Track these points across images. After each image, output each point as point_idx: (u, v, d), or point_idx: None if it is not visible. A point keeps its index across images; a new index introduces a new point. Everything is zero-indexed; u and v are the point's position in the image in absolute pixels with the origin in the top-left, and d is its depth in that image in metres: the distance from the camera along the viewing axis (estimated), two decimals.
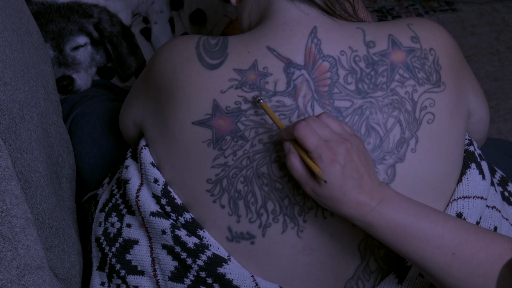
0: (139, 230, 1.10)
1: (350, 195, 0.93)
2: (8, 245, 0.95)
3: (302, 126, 0.93)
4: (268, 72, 1.04)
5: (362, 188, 0.94)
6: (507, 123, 2.19)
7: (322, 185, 0.93)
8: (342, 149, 0.93)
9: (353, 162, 0.94)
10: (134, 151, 1.16)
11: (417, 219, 0.94)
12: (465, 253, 0.93)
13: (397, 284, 1.04)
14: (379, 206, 0.94)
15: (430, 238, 0.94)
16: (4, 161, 0.98)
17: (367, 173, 0.95)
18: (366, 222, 0.95)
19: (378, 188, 0.95)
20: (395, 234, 0.94)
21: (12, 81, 1.10)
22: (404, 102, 1.04)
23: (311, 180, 0.94)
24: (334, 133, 0.95)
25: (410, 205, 0.96)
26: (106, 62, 1.71)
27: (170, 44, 1.10)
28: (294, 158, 0.95)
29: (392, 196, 0.96)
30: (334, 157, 0.93)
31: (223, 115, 1.03)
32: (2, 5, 1.16)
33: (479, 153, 1.13)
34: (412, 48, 1.06)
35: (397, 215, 0.94)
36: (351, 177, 0.93)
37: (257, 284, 1.04)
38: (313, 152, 0.93)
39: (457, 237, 0.94)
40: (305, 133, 0.93)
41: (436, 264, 0.94)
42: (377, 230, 0.95)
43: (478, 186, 1.08)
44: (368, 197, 0.94)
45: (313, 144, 0.93)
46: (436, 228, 0.94)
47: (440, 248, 0.93)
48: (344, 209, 0.94)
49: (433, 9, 2.54)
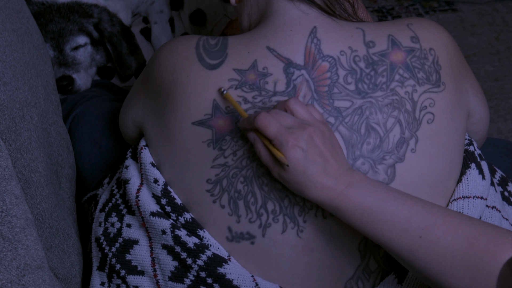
0: (139, 230, 1.10)
1: (314, 179, 0.94)
2: (8, 245, 0.95)
3: (262, 117, 0.95)
4: (268, 72, 1.04)
5: (327, 172, 0.95)
6: (507, 123, 2.19)
7: (286, 170, 0.95)
8: (304, 134, 0.94)
9: (316, 146, 0.95)
10: (134, 151, 1.16)
11: (384, 202, 0.95)
12: (431, 236, 0.93)
13: (397, 284, 1.04)
14: (346, 190, 0.95)
15: (396, 221, 0.94)
16: (4, 161, 0.98)
17: (333, 157, 0.96)
18: (333, 207, 0.95)
19: (345, 172, 0.96)
20: (362, 218, 0.95)
21: (12, 81, 1.10)
22: (404, 102, 1.04)
23: (277, 166, 0.96)
24: (296, 120, 0.96)
25: (377, 189, 0.96)
26: (106, 62, 1.71)
27: (170, 44, 1.10)
28: (260, 146, 0.97)
29: (360, 180, 0.96)
30: (295, 142, 0.94)
31: (223, 115, 1.03)
32: (2, 5, 1.16)
33: (479, 153, 1.13)
34: (412, 48, 1.06)
35: (364, 199, 0.95)
36: (314, 161, 0.94)
37: (257, 284, 1.04)
38: (274, 139, 0.95)
39: (424, 220, 0.94)
40: (265, 123, 0.95)
41: (404, 248, 0.94)
42: (344, 214, 0.95)
43: (478, 186, 1.08)
44: (334, 181, 0.95)
45: (272, 132, 0.95)
46: (403, 211, 0.94)
47: (407, 232, 0.93)
48: (311, 193, 0.95)
49: (433, 9, 2.54)
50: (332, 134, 0.97)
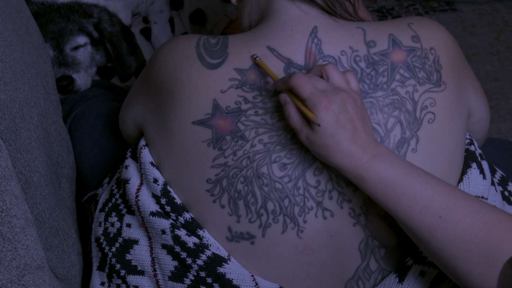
0: (139, 230, 1.10)
1: (343, 145, 0.95)
2: (8, 245, 0.95)
3: (297, 76, 0.96)
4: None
5: (356, 140, 0.95)
6: (507, 123, 2.19)
7: (316, 132, 0.95)
8: (337, 98, 0.95)
9: (347, 112, 0.95)
10: (133, 150, 1.16)
11: (408, 178, 0.95)
12: (451, 217, 0.93)
13: (397, 284, 1.04)
14: (372, 160, 0.95)
15: (419, 198, 0.94)
16: (4, 161, 0.98)
17: (362, 126, 0.96)
18: (357, 175, 0.96)
19: (372, 143, 0.97)
20: (385, 190, 0.95)
21: (12, 81, 1.10)
22: (405, 102, 1.04)
23: (306, 127, 0.96)
24: (330, 85, 0.97)
25: (403, 164, 0.96)
26: (106, 62, 1.71)
27: (170, 44, 1.10)
28: (290, 107, 0.97)
29: (386, 153, 0.97)
30: (329, 104, 0.94)
31: (223, 115, 1.03)
32: (2, 5, 1.16)
33: (479, 152, 1.13)
34: (413, 48, 1.06)
35: (388, 172, 0.95)
36: (344, 127, 0.95)
37: (257, 284, 1.04)
38: (308, 99, 0.95)
39: (446, 201, 0.94)
40: (300, 82, 0.96)
41: (422, 225, 0.94)
42: (367, 184, 0.96)
43: (478, 185, 1.08)
44: (361, 150, 0.95)
45: (307, 92, 0.95)
46: (426, 189, 0.95)
47: (428, 209, 0.94)
48: (337, 158, 0.96)
49: (433, 9, 2.54)
50: (363, 105, 0.98)
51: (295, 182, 1.01)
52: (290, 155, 1.02)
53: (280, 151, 1.02)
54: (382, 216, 1.03)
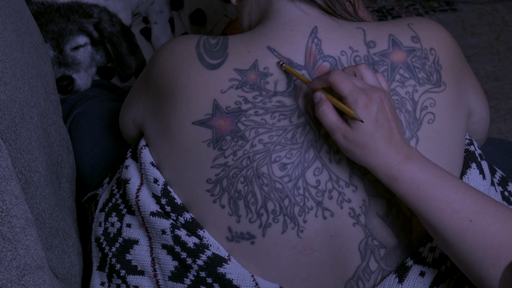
0: (139, 230, 1.10)
1: (380, 144, 0.95)
2: (8, 245, 0.95)
3: (337, 72, 0.95)
4: (268, 72, 1.04)
5: (391, 140, 0.96)
6: (507, 123, 2.19)
7: (355, 130, 0.95)
8: (376, 96, 0.95)
9: (385, 111, 0.96)
10: (134, 151, 1.16)
11: (441, 181, 0.96)
12: (482, 221, 0.93)
13: (397, 284, 1.04)
14: (406, 161, 0.96)
15: (450, 201, 0.95)
16: (4, 161, 0.98)
17: (397, 127, 0.97)
18: (390, 176, 0.96)
19: (405, 144, 0.97)
20: (417, 192, 0.95)
21: (12, 81, 1.10)
22: (405, 102, 1.04)
23: (343, 125, 0.96)
24: (366, 84, 0.97)
25: (435, 167, 0.97)
26: (106, 62, 1.71)
27: (170, 44, 1.10)
28: (325, 105, 0.96)
29: (418, 155, 0.97)
30: (369, 102, 0.94)
31: (223, 115, 1.03)
32: (2, 5, 1.16)
33: (479, 152, 1.13)
34: (413, 48, 1.06)
35: (422, 173, 0.96)
36: (382, 126, 0.95)
37: (257, 284, 1.04)
38: (348, 96, 0.95)
39: (477, 205, 0.94)
40: (340, 78, 0.95)
41: (452, 229, 0.94)
42: (399, 185, 0.96)
43: (478, 186, 1.08)
44: (396, 150, 0.96)
45: (348, 88, 0.95)
46: (458, 193, 0.95)
47: (459, 213, 0.94)
48: (372, 158, 0.96)
49: (433, 9, 2.54)
50: (394, 106, 0.99)
51: (295, 182, 1.01)
52: (290, 155, 1.02)
53: (280, 151, 1.02)
54: (382, 216, 1.03)
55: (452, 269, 1.05)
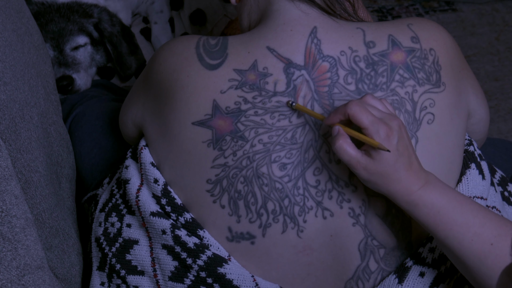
0: (139, 230, 1.10)
1: (401, 172, 0.94)
2: (8, 245, 0.95)
3: (355, 103, 0.94)
4: (268, 73, 1.04)
5: (411, 167, 0.95)
6: (507, 123, 2.19)
7: (376, 161, 0.94)
8: (395, 125, 0.94)
9: (404, 139, 0.95)
10: (134, 151, 1.16)
11: (461, 205, 0.95)
12: (503, 244, 0.93)
13: (397, 285, 1.04)
14: (425, 186, 0.96)
15: (471, 225, 0.94)
16: (4, 161, 0.98)
17: (414, 153, 0.97)
18: (410, 202, 0.95)
19: (422, 170, 0.97)
20: (437, 216, 0.95)
21: (12, 81, 1.10)
22: (404, 103, 1.04)
23: (364, 158, 0.94)
24: (382, 112, 0.96)
25: (454, 192, 0.97)
26: (106, 62, 1.71)
27: (170, 44, 1.10)
28: (342, 140, 0.94)
29: (436, 180, 0.97)
30: (390, 132, 0.93)
31: (223, 116, 1.03)
32: (2, 5, 1.16)
33: (479, 153, 1.13)
34: (412, 48, 1.06)
35: (442, 198, 0.95)
36: (403, 154, 0.94)
37: (257, 284, 1.04)
38: (369, 127, 0.93)
39: (497, 228, 0.94)
40: (360, 109, 0.94)
41: (473, 253, 0.94)
42: (420, 210, 0.96)
43: (478, 186, 1.08)
44: (416, 176, 0.95)
45: (368, 119, 0.93)
46: (478, 216, 0.95)
47: (479, 236, 0.94)
48: (393, 186, 0.95)
49: (433, 9, 2.54)
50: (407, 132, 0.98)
51: (295, 182, 1.02)
52: (290, 155, 1.02)
53: (280, 151, 1.02)
54: (382, 217, 1.03)
55: (451, 270, 1.05)
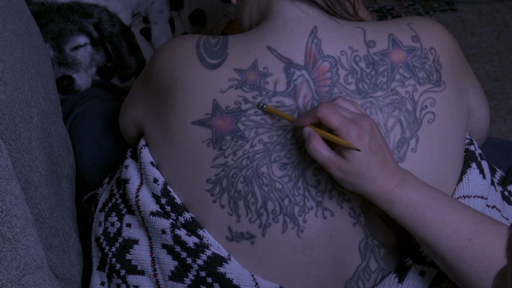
0: (139, 230, 1.10)
1: (375, 171, 0.95)
2: (8, 245, 0.95)
3: (325, 106, 0.94)
4: (268, 72, 1.04)
5: (386, 165, 0.95)
6: (507, 123, 2.19)
7: (349, 161, 0.94)
8: (366, 124, 0.95)
9: (376, 139, 0.95)
10: (134, 150, 1.16)
11: (438, 202, 0.96)
12: (481, 240, 0.93)
13: (397, 284, 1.04)
14: (402, 184, 0.96)
15: (448, 221, 0.95)
16: (4, 161, 0.98)
17: (388, 152, 0.97)
18: (387, 200, 0.96)
19: (398, 168, 0.97)
20: (414, 214, 0.95)
21: (12, 81, 1.10)
22: (405, 102, 1.04)
23: (337, 158, 0.95)
24: (354, 113, 0.96)
25: (431, 189, 0.97)
26: (106, 62, 1.70)
27: (170, 44, 1.10)
28: (315, 141, 0.95)
29: (412, 177, 0.97)
30: (361, 132, 0.94)
31: (223, 115, 1.03)
32: (2, 5, 1.16)
33: (479, 152, 1.13)
34: (413, 48, 1.06)
35: (419, 195, 0.96)
36: (376, 153, 0.94)
37: (257, 284, 1.04)
38: (340, 128, 0.94)
39: (475, 224, 0.94)
40: (328, 112, 0.94)
41: (451, 249, 0.94)
42: (397, 208, 0.96)
43: (478, 185, 1.08)
44: (391, 175, 0.95)
45: (338, 121, 0.94)
46: (455, 212, 0.95)
47: (457, 233, 0.94)
48: (369, 185, 0.95)
49: (433, 9, 2.54)
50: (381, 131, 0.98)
51: (295, 181, 1.01)
52: (290, 155, 1.02)
53: (280, 151, 1.02)
54: (382, 216, 1.03)
55: None
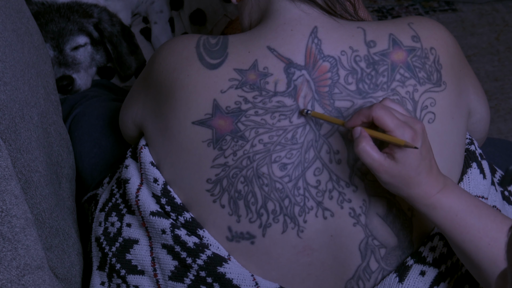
0: (139, 230, 1.10)
1: (422, 175, 0.94)
2: (8, 245, 0.95)
3: (380, 107, 0.94)
4: (268, 72, 1.04)
5: (432, 170, 0.95)
6: (507, 123, 2.19)
7: (400, 164, 0.93)
8: (419, 128, 0.94)
9: (426, 143, 0.95)
10: (134, 150, 1.16)
11: (478, 210, 0.96)
12: None
13: (397, 284, 1.04)
14: (444, 190, 0.96)
15: (488, 230, 0.95)
16: (4, 161, 0.98)
17: (433, 157, 0.97)
18: (429, 205, 0.95)
19: (441, 174, 0.97)
20: (455, 220, 0.95)
21: (12, 81, 1.10)
22: (405, 102, 1.04)
23: (387, 160, 0.94)
24: (405, 115, 0.95)
25: (472, 197, 0.97)
26: (106, 62, 1.70)
27: (170, 44, 1.10)
28: (365, 142, 0.94)
29: (454, 185, 0.97)
30: (415, 135, 0.93)
31: (223, 115, 1.03)
32: (2, 5, 1.16)
33: (480, 152, 1.13)
34: (413, 48, 1.06)
35: (460, 202, 0.96)
36: (425, 157, 0.94)
37: (257, 284, 1.04)
38: (395, 130, 0.93)
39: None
40: (385, 112, 0.93)
41: (489, 257, 0.94)
42: (438, 213, 0.95)
43: (479, 185, 1.08)
44: (435, 180, 0.95)
45: (393, 122, 0.93)
46: (495, 221, 0.95)
47: (497, 241, 0.94)
48: (413, 189, 0.95)
49: (433, 9, 2.54)
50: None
51: (295, 182, 1.01)
52: (290, 155, 1.02)
53: (280, 151, 1.02)
54: (382, 216, 1.03)
55: (452, 269, 1.05)
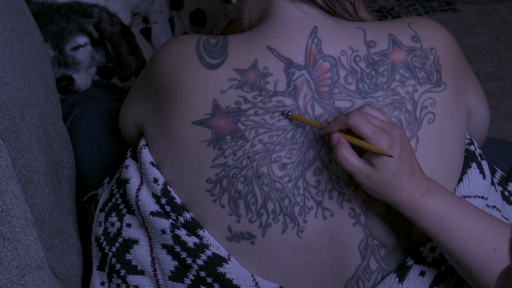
0: (139, 230, 1.10)
1: (404, 180, 0.94)
2: (8, 245, 0.95)
3: (357, 114, 0.94)
4: (268, 72, 1.04)
5: (414, 175, 0.95)
6: (507, 123, 2.19)
7: (379, 170, 0.94)
8: (397, 134, 0.94)
9: (406, 148, 0.95)
10: (134, 150, 1.16)
11: (464, 211, 0.96)
12: (506, 250, 0.93)
13: (397, 284, 1.04)
14: (428, 193, 0.96)
15: (474, 231, 0.95)
16: (4, 161, 0.98)
17: (416, 161, 0.97)
18: (413, 209, 0.96)
19: (425, 177, 0.97)
20: (440, 223, 0.95)
21: (12, 81, 1.10)
22: (405, 102, 1.04)
23: (366, 167, 0.94)
24: (383, 121, 0.96)
25: (457, 198, 0.97)
26: (106, 62, 1.70)
27: (170, 44, 1.10)
28: (344, 149, 0.95)
29: (438, 187, 0.97)
30: (392, 141, 0.93)
31: (223, 115, 1.03)
32: (2, 5, 1.16)
33: (479, 152, 1.13)
34: (413, 48, 1.06)
35: (445, 204, 0.96)
36: (405, 162, 0.94)
37: (257, 284, 1.04)
38: (372, 137, 0.93)
39: (500, 234, 0.94)
40: (360, 121, 0.94)
41: (476, 258, 0.94)
42: (423, 217, 0.96)
43: (478, 185, 1.08)
44: (419, 184, 0.96)
45: (370, 129, 0.93)
46: (481, 222, 0.95)
47: (483, 242, 0.94)
48: (396, 194, 0.95)
49: (433, 9, 2.54)
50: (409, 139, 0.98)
51: (295, 182, 1.01)
52: (290, 155, 1.02)
53: (280, 151, 1.02)
54: (382, 216, 1.03)
55: (452, 269, 1.05)
